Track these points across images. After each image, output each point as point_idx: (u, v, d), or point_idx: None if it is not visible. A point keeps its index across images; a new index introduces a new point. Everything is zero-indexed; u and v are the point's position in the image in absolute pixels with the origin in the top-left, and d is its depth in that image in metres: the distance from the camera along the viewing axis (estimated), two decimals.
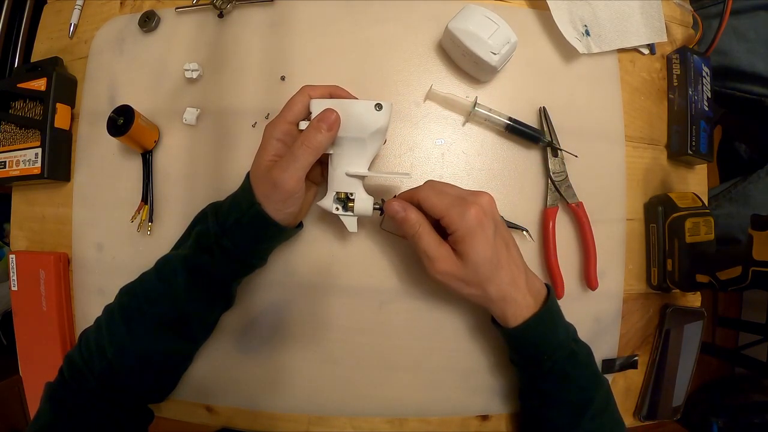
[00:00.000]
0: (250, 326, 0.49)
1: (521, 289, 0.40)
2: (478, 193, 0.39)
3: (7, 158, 0.55)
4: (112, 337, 0.40)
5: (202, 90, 0.52)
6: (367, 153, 0.42)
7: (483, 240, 0.38)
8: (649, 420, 0.53)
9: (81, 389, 0.40)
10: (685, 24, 0.57)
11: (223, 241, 0.41)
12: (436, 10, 0.51)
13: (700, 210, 0.49)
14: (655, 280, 0.52)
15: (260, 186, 0.39)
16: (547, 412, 0.42)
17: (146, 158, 0.51)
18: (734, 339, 1.52)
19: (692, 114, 0.52)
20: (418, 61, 0.51)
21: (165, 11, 0.54)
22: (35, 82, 0.54)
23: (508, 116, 0.49)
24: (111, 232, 0.52)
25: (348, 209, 0.42)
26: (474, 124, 0.50)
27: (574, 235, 0.50)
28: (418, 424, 0.49)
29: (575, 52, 0.51)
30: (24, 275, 0.55)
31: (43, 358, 0.54)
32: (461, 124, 0.50)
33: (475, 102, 0.48)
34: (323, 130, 0.38)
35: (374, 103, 0.40)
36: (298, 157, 0.38)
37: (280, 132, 0.40)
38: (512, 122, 0.48)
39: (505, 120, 0.48)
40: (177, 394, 0.49)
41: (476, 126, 0.50)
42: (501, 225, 0.40)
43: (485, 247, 0.38)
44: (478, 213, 0.37)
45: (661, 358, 0.52)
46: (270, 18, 0.52)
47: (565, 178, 0.49)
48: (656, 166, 0.54)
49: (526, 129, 0.49)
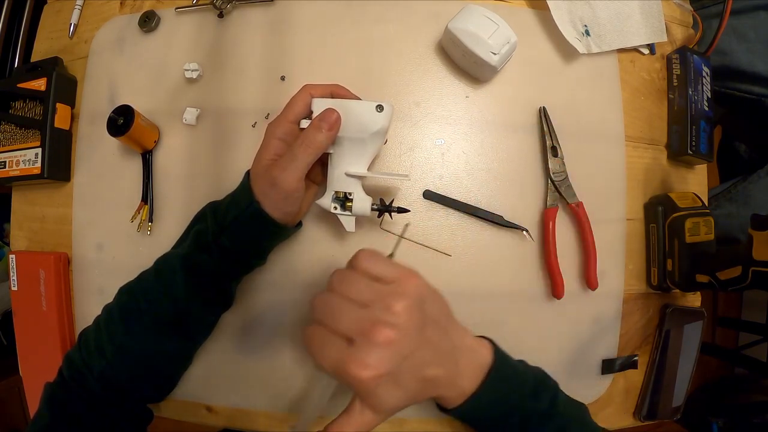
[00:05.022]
0: (250, 326, 0.49)
1: (456, 379, 0.36)
2: (377, 326, 0.30)
3: (7, 158, 0.55)
4: (111, 336, 0.40)
5: (202, 90, 0.52)
6: (367, 153, 0.42)
7: (388, 396, 0.32)
8: (649, 420, 0.53)
9: (80, 389, 0.40)
10: (685, 24, 0.57)
11: (221, 239, 0.41)
12: (436, 10, 0.51)
13: (700, 210, 0.49)
14: (655, 280, 0.52)
15: (259, 184, 0.39)
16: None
17: (146, 158, 0.51)
18: (734, 339, 1.52)
19: (692, 114, 0.52)
20: (418, 61, 0.51)
21: (165, 11, 0.54)
22: (35, 82, 0.54)
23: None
24: (111, 232, 0.52)
25: (346, 209, 0.42)
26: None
27: (574, 235, 0.50)
28: (418, 424, 0.49)
29: (575, 52, 0.51)
30: (24, 275, 0.55)
31: (43, 358, 0.54)
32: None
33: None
34: (324, 130, 0.38)
35: (375, 104, 0.40)
36: (297, 157, 0.38)
37: (281, 131, 0.40)
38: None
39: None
40: (177, 394, 0.49)
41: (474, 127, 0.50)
42: (423, 327, 0.32)
43: (390, 400, 0.32)
44: (369, 376, 0.29)
45: (661, 358, 0.52)
46: (270, 18, 0.52)
47: (565, 178, 0.49)
48: (656, 166, 0.54)
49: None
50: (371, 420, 0.32)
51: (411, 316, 0.31)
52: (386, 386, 0.31)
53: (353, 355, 0.30)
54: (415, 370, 0.32)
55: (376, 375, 0.29)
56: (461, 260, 0.49)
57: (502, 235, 0.49)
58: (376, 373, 0.29)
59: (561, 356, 0.50)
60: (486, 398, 0.37)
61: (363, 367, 0.29)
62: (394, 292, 0.32)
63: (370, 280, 0.33)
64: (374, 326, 0.30)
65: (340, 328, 0.31)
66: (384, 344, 0.30)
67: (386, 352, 0.30)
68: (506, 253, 0.49)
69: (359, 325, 0.30)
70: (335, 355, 0.30)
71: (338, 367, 0.30)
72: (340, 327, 0.31)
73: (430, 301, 0.34)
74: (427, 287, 0.34)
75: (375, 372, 0.29)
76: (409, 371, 0.32)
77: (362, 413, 0.32)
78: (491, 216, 0.49)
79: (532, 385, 0.40)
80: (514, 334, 0.45)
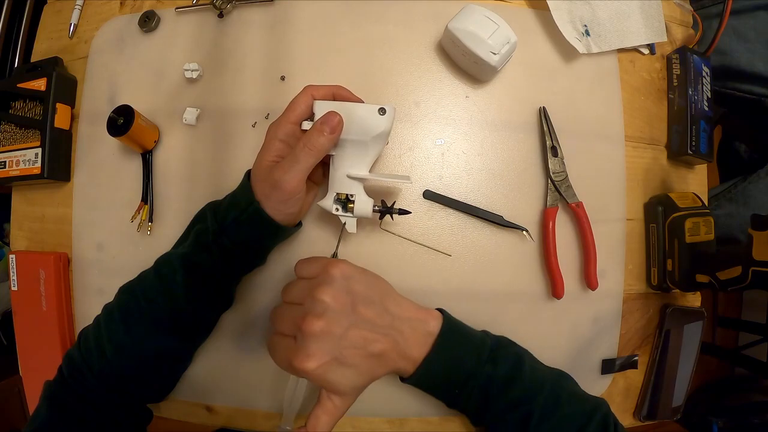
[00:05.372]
0: (250, 326, 0.49)
1: (405, 350, 0.38)
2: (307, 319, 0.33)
3: (7, 158, 0.55)
4: (111, 335, 0.40)
5: (202, 90, 0.52)
6: (368, 156, 0.42)
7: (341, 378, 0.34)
8: (649, 420, 0.53)
9: (80, 388, 0.40)
10: (685, 24, 0.57)
11: (221, 239, 0.41)
12: (436, 10, 0.51)
13: (700, 210, 0.49)
14: (655, 280, 0.52)
15: (261, 186, 0.39)
16: (496, 430, 0.41)
17: (146, 158, 0.51)
18: (734, 339, 1.52)
19: (692, 114, 0.52)
20: (418, 61, 0.51)
21: (165, 11, 0.54)
22: (35, 82, 0.54)
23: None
24: (111, 232, 0.52)
25: (348, 210, 0.42)
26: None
27: (574, 235, 0.50)
28: (418, 424, 0.49)
29: (575, 52, 0.51)
30: (24, 275, 0.55)
31: (43, 358, 0.54)
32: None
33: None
34: (326, 133, 0.38)
35: (378, 107, 0.40)
36: (299, 159, 0.38)
37: (283, 133, 0.40)
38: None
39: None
40: (177, 394, 0.49)
41: (473, 127, 0.50)
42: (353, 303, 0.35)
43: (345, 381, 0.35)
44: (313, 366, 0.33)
45: (661, 358, 0.52)
46: (270, 18, 0.52)
47: (565, 178, 0.49)
48: (656, 166, 0.54)
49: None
50: (340, 403, 0.35)
51: (337, 300, 0.34)
52: (335, 369, 0.34)
53: (295, 351, 0.34)
54: (356, 348, 0.35)
55: (319, 364, 0.33)
56: (461, 260, 0.49)
57: (502, 235, 0.49)
58: (318, 362, 0.33)
59: (561, 356, 0.50)
60: (437, 364, 0.39)
61: (305, 359, 0.33)
62: (319, 283, 0.35)
63: (304, 281, 0.37)
64: (304, 319, 0.34)
65: (284, 330, 0.36)
66: (317, 333, 0.33)
67: (320, 340, 0.33)
68: (506, 253, 0.49)
69: (294, 322, 0.35)
70: (285, 355, 0.35)
71: (289, 365, 0.34)
72: (284, 329, 0.36)
73: (358, 282, 0.36)
74: (353, 269, 0.37)
75: (317, 361, 0.33)
76: (351, 350, 0.35)
77: (330, 399, 0.35)
78: (491, 216, 0.49)
79: (489, 351, 0.40)
80: (514, 334, 0.45)
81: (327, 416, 0.35)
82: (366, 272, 0.38)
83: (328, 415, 0.35)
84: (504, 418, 0.39)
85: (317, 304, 0.34)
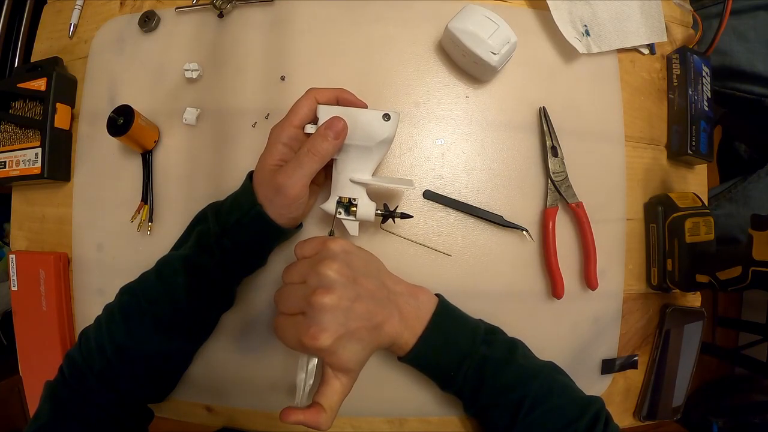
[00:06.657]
0: (250, 326, 0.49)
1: (402, 322, 0.38)
2: (313, 302, 0.33)
3: (7, 158, 0.55)
4: (111, 336, 0.40)
5: (202, 90, 0.52)
6: (372, 161, 0.42)
7: (350, 352, 0.35)
8: (649, 420, 0.53)
9: (81, 388, 0.40)
10: (685, 24, 0.57)
11: (223, 241, 0.41)
12: (436, 10, 0.51)
13: (700, 210, 0.49)
14: (655, 280, 0.52)
15: (263, 189, 0.39)
16: (488, 414, 0.41)
17: (146, 158, 0.51)
18: (734, 339, 1.52)
19: (692, 114, 0.52)
20: (418, 61, 0.51)
21: (165, 11, 0.54)
22: (35, 82, 0.54)
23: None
24: (111, 232, 0.52)
25: (351, 214, 0.42)
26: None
27: (574, 235, 0.50)
28: (418, 424, 0.49)
29: (575, 52, 0.51)
30: (24, 275, 0.55)
31: (43, 358, 0.54)
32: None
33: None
34: (330, 138, 0.38)
35: (382, 113, 0.40)
36: (303, 164, 0.38)
37: (285, 136, 0.40)
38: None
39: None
40: (177, 394, 0.49)
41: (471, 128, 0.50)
42: (355, 283, 0.35)
43: (354, 356, 0.35)
44: (327, 341, 0.33)
45: (661, 358, 0.52)
46: (270, 18, 0.52)
47: (565, 178, 0.49)
48: (656, 166, 0.54)
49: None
50: (346, 381, 0.36)
51: (341, 272, 0.34)
52: (345, 344, 0.34)
53: (306, 327, 0.33)
54: (362, 320, 0.35)
55: (333, 338, 0.33)
56: (461, 260, 0.49)
57: (502, 235, 0.49)
58: (332, 336, 0.33)
59: (561, 356, 0.50)
60: (433, 340, 0.39)
61: (319, 333, 0.32)
62: (322, 258, 0.35)
63: (305, 260, 0.37)
64: (313, 294, 0.33)
65: (291, 309, 0.35)
66: (328, 306, 0.33)
67: (331, 313, 0.33)
68: (506, 253, 0.49)
69: (303, 298, 0.34)
70: (294, 334, 0.34)
71: (300, 342, 0.33)
72: (290, 307, 0.35)
73: (356, 257, 0.37)
74: (350, 245, 0.38)
75: (330, 335, 0.33)
76: (359, 321, 0.35)
77: (336, 377, 0.35)
78: (491, 216, 0.49)
79: (484, 333, 0.41)
80: (514, 333, 0.45)
81: (337, 396, 0.35)
82: (362, 249, 0.39)
83: (338, 395, 0.35)
84: (496, 402, 0.40)
85: (323, 278, 0.34)
